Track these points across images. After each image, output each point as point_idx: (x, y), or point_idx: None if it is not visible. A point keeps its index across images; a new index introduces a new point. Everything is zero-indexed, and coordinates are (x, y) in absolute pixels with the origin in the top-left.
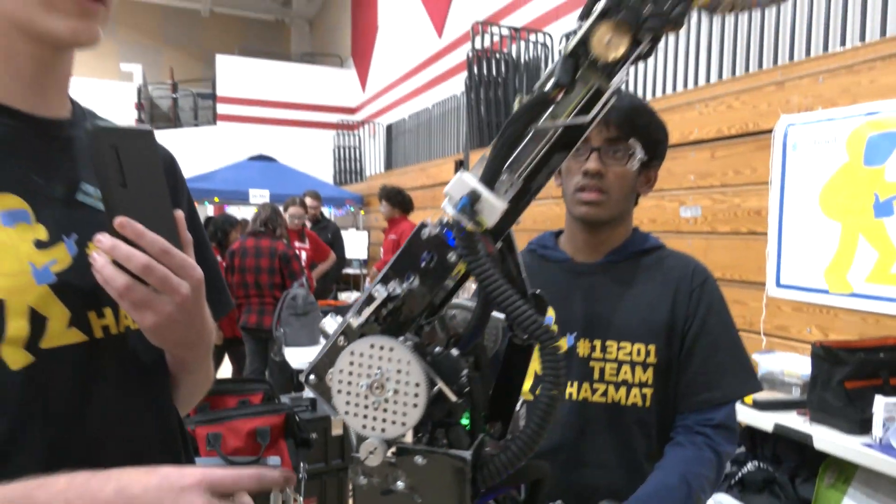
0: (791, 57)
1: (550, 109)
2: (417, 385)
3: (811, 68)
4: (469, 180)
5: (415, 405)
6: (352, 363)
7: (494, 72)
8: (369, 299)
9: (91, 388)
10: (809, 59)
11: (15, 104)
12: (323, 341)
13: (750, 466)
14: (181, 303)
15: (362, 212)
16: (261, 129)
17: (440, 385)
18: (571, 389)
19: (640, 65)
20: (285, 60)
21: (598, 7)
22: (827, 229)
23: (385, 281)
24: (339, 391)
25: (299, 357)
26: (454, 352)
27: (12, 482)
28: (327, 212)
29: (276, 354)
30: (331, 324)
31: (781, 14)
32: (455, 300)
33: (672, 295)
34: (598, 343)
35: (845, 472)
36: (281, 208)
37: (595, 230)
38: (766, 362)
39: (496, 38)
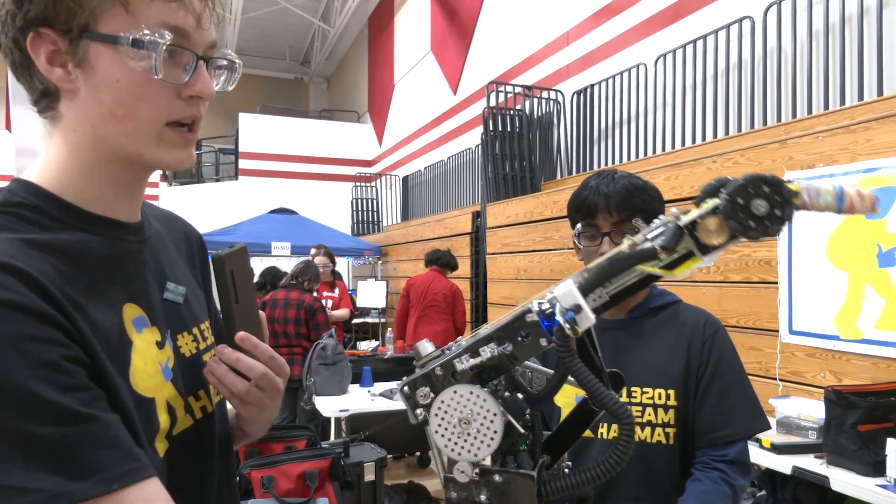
0: (792, 115)
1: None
2: (496, 432)
3: (811, 126)
4: (577, 295)
5: (492, 439)
6: (452, 398)
7: (509, 127)
8: (475, 354)
9: (203, 461)
10: (809, 118)
11: (119, 216)
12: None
13: None
14: (278, 396)
15: (380, 262)
16: (281, 183)
17: (512, 420)
18: (602, 430)
19: (650, 120)
20: (304, 117)
21: (712, 204)
22: (834, 278)
23: (487, 342)
24: (436, 415)
25: (330, 406)
26: (519, 396)
27: None
28: (344, 262)
29: (305, 403)
30: (425, 347)
31: (782, 74)
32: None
33: (687, 345)
34: (624, 389)
35: None
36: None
37: None
38: (782, 407)
39: (509, 95)
